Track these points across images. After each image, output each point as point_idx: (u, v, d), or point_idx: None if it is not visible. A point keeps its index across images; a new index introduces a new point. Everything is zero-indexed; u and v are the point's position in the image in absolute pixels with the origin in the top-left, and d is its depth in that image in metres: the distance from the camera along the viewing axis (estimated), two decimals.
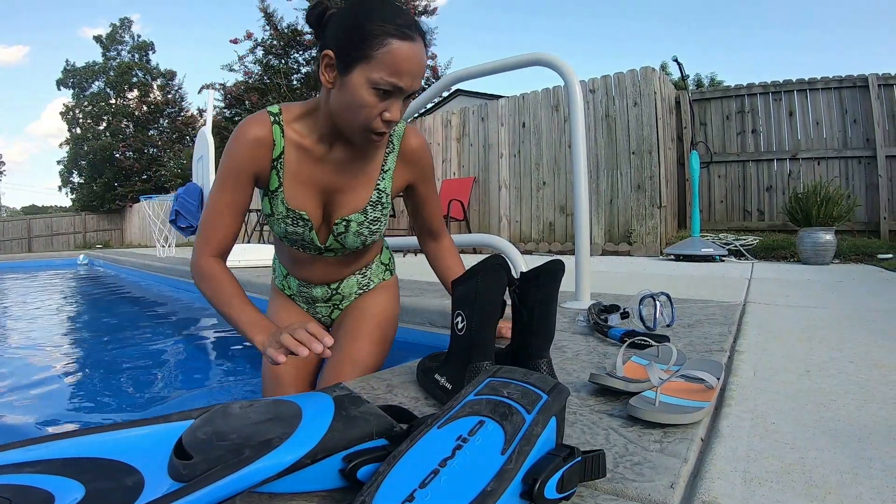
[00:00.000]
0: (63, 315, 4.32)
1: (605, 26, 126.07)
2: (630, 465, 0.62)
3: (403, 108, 0.98)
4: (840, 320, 1.64)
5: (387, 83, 0.92)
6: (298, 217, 1.11)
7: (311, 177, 1.10)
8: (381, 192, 1.15)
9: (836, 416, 0.79)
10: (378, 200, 1.15)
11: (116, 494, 0.47)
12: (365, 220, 1.15)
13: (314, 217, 1.13)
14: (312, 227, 1.13)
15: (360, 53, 0.91)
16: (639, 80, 5.67)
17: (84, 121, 23.14)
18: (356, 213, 1.14)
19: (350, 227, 1.14)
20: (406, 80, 0.93)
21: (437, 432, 0.53)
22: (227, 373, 2.46)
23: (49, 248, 20.02)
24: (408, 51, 0.92)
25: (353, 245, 1.18)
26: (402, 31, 0.91)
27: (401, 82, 0.93)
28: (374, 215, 1.16)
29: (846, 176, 5.55)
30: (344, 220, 1.14)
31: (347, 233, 1.15)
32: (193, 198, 5.63)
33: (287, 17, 14.66)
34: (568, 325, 1.55)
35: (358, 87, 0.93)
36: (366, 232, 1.17)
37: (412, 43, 0.92)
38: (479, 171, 7.21)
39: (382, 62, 0.91)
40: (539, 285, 0.83)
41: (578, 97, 1.82)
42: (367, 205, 1.14)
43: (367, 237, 1.18)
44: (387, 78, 0.91)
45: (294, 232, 1.14)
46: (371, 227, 1.17)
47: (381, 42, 0.90)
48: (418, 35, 0.94)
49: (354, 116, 0.96)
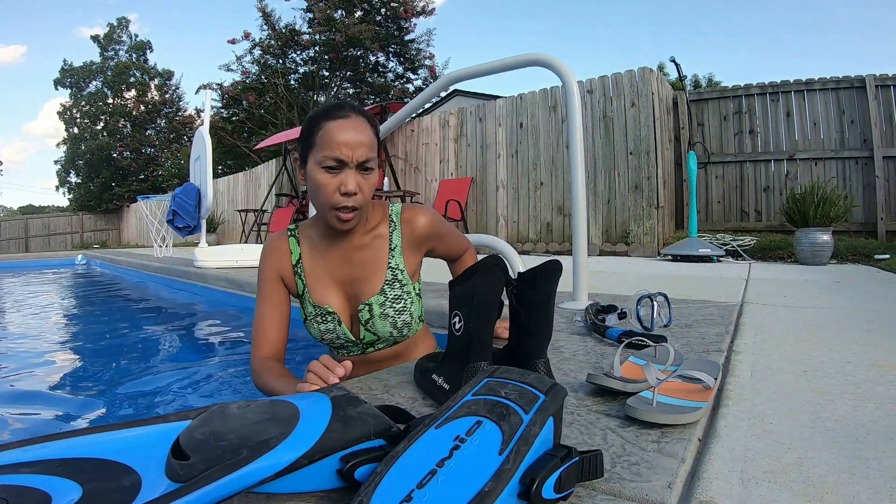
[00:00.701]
0: (62, 315, 4.31)
1: (603, 27, 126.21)
2: (627, 466, 0.62)
3: (365, 178, 1.07)
4: (837, 321, 1.64)
5: (329, 159, 1.03)
6: (325, 312, 1.17)
7: (328, 272, 1.18)
8: (395, 270, 1.18)
9: (834, 416, 0.79)
10: (394, 278, 1.17)
11: (114, 495, 0.47)
12: (385, 300, 1.16)
13: (340, 310, 1.17)
14: (340, 320, 1.17)
15: (307, 144, 1.07)
16: (636, 80, 5.68)
17: (81, 120, 23.07)
18: (375, 296, 1.16)
19: (373, 310, 1.16)
20: (345, 151, 1.03)
21: (434, 433, 0.53)
22: (224, 373, 2.45)
23: (46, 247, 19.97)
24: (338, 126, 1.04)
25: (385, 331, 1.17)
26: (332, 112, 1.06)
27: (340, 154, 1.03)
28: (394, 293, 1.17)
29: (843, 176, 5.56)
30: (366, 305, 1.16)
31: (373, 318, 1.16)
32: (190, 198, 5.61)
33: (285, 17, 14.69)
34: (565, 325, 1.55)
35: (313, 173, 1.06)
36: (391, 313, 1.16)
37: (343, 119, 1.05)
38: (476, 172, 7.21)
39: (321, 143, 1.04)
40: (536, 285, 0.83)
41: (576, 98, 1.83)
42: (384, 284, 1.17)
43: (395, 319, 1.17)
44: (327, 154, 1.03)
45: (327, 330, 1.18)
46: (395, 306, 1.17)
47: (317, 128, 1.05)
48: (351, 111, 1.07)
49: (318, 199, 1.07)
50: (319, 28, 13.61)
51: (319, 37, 13.80)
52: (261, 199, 11.44)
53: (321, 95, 14.96)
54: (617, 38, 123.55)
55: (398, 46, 15.06)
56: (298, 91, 14.91)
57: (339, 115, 1.05)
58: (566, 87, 1.84)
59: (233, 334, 3.33)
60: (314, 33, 13.81)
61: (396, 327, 1.18)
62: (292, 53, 14.64)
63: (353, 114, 1.07)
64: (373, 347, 1.21)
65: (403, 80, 15.95)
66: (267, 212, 10.27)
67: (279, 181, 10.95)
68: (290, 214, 8.87)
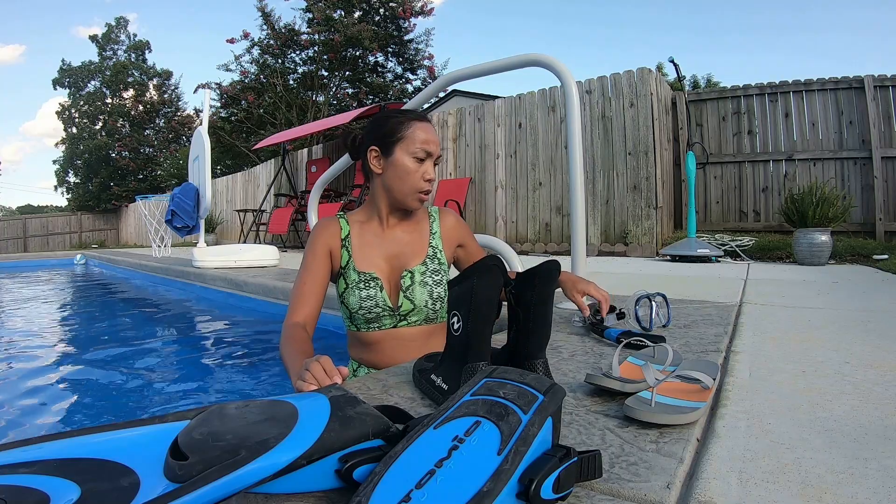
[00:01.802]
0: (60, 315, 4.30)
1: (602, 28, 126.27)
2: (626, 466, 0.62)
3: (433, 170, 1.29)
4: (836, 321, 1.65)
5: (421, 150, 1.24)
6: (370, 278, 1.28)
7: (376, 246, 1.32)
8: (435, 249, 1.34)
9: (832, 416, 0.80)
10: (434, 255, 1.33)
11: (112, 495, 0.47)
12: (426, 269, 1.30)
13: (383, 276, 1.29)
14: (382, 286, 1.28)
15: (397, 137, 1.25)
16: (635, 80, 5.68)
17: (80, 120, 23.04)
18: (418, 265, 1.30)
19: (415, 277, 1.28)
20: (431, 147, 1.25)
21: (433, 433, 0.53)
22: (223, 373, 2.45)
23: (45, 247, 19.94)
24: (425, 127, 1.26)
25: (422, 299, 1.27)
26: (419, 115, 1.28)
27: (429, 148, 1.25)
28: (434, 266, 1.31)
29: (842, 177, 5.57)
30: (409, 272, 1.29)
31: (413, 284, 1.28)
32: (189, 197, 5.61)
33: (284, 17, 14.67)
34: (564, 325, 1.55)
35: (403, 161, 1.24)
36: (430, 282, 1.29)
37: (428, 122, 1.28)
38: (475, 172, 7.21)
39: (413, 138, 1.24)
40: (535, 286, 0.83)
41: (575, 98, 1.83)
42: (426, 257, 1.32)
43: (432, 289, 1.29)
44: (419, 147, 1.24)
45: (367, 296, 1.27)
46: (434, 277, 1.30)
47: (408, 126, 1.25)
48: (427, 119, 1.30)
49: (404, 183, 1.25)
50: (318, 28, 13.59)
51: (318, 37, 13.79)
52: (259, 199, 11.43)
53: (320, 95, 14.94)
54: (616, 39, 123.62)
55: (397, 46, 15.05)
56: (297, 91, 14.89)
57: (425, 119, 1.28)
58: (565, 88, 1.84)
59: (231, 334, 3.33)
60: (313, 33, 13.79)
61: (432, 297, 1.28)
62: (291, 53, 14.62)
63: (428, 120, 1.30)
64: (406, 321, 1.29)
65: (402, 81, 15.94)
66: (266, 212, 10.26)
67: (278, 181, 10.94)
68: (289, 214, 8.87)
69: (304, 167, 10.42)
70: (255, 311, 3.62)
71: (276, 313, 3.27)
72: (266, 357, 2.69)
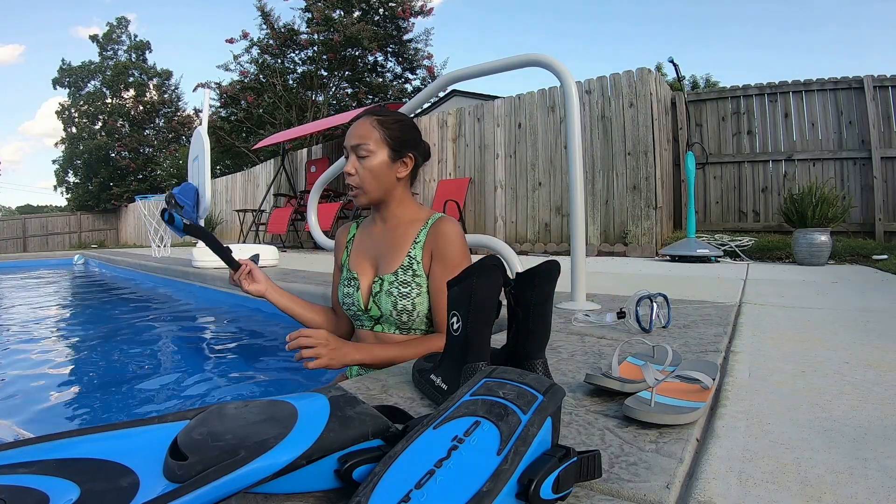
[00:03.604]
0: (59, 315, 4.30)
1: (601, 28, 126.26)
2: (626, 466, 0.62)
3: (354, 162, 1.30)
4: (835, 321, 1.65)
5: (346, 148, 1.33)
6: (352, 277, 1.35)
7: (367, 246, 1.39)
8: (412, 259, 1.29)
9: (832, 416, 0.80)
10: (409, 266, 1.29)
11: (111, 495, 0.47)
12: (395, 280, 1.28)
13: (363, 278, 1.35)
14: (359, 286, 1.34)
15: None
16: (635, 80, 5.68)
17: (80, 120, 23.01)
18: (388, 274, 1.30)
19: (383, 286, 1.29)
20: (347, 140, 1.30)
21: (432, 433, 0.53)
22: (222, 373, 2.45)
23: (44, 247, 19.93)
24: (355, 123, 1.33)
25: (386, 308, 1.28)
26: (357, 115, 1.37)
27: (347, 143, 1.31)
28: (404, 278, 1.28)
29: (841, 177, 5.57)
30: (379, 279, 1.31)
31: (381, 292, 1.29)
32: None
33: (284, 17, 14.67)
34: (563, 325, 1.55)
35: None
36: (395, 293, 1.27)
37: (357, 120, 1.33)
38: (474, 172, 7.21)
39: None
40: (535, 286, 0.83)
41: (574, 98, 1.83)
42: (399, 268, 1.29)
43: (396, 300, 1.27)
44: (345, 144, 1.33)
45: (347, 294, 1.35)
46: (401, 289, 1.27)
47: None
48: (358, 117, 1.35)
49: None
50: (318, 28, 13.59)
51: (318, 36, 13.79)
52: (259, 198, 11.43)
53: (319, 95, 14.94)
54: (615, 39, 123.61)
55: (396, 46, 15.05)
56: (297, 91, 14.89)
57: (359, 117, 1.33)
58: (564, 88, 1.84)
59: (231, 334, 3.33)
60: (312, 33, 13.79)
61: (396, 308, 1.28)
62: (290, 53, 14.62)
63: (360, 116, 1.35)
64: (380, 326, 1.33)
65: (402, 80, 15.95)
66: (265, 212, 10.26)
67: (277, 181, 10.94)
68: (289, 214, 8.87)
69: (303, 167, 10.42)
70: (255, 311, 3.62)
71: (275, 313, 3.26)
72: (266, 357, 2.69)
